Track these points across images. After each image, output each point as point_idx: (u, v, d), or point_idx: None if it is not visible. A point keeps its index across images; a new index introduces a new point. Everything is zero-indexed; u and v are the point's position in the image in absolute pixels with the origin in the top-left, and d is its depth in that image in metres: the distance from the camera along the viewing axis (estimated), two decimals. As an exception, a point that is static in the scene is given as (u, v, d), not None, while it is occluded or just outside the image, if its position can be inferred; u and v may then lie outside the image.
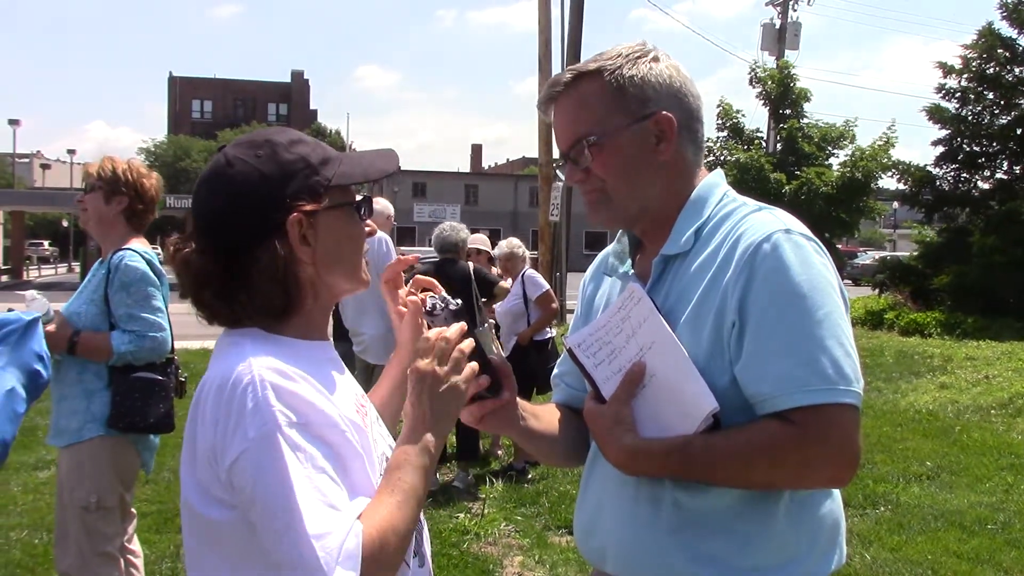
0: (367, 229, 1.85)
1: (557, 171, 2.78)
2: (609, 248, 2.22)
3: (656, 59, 1.97)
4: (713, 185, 2.01)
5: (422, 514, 1.84)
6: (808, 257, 1.80)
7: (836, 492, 1.98)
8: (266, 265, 1.66)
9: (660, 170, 1.95)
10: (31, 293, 3.96)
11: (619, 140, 1.93)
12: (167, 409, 4.03)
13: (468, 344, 1.79)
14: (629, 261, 2.11)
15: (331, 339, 1.86)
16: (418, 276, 2.04)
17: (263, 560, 1.53)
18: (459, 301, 1.87)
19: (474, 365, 1.80)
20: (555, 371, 2.35)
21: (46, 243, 63.11)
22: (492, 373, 1.93)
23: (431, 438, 1.71)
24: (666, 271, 1.96)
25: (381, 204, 7.59)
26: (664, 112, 1.93)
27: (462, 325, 1.81)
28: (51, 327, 3.80)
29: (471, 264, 7.82)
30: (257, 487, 1.50)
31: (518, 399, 2.05)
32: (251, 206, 1.67)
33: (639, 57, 1.96)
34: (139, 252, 4.00)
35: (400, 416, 1.97)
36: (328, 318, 1.85)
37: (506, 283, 8.38)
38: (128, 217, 4.08)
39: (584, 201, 2.04)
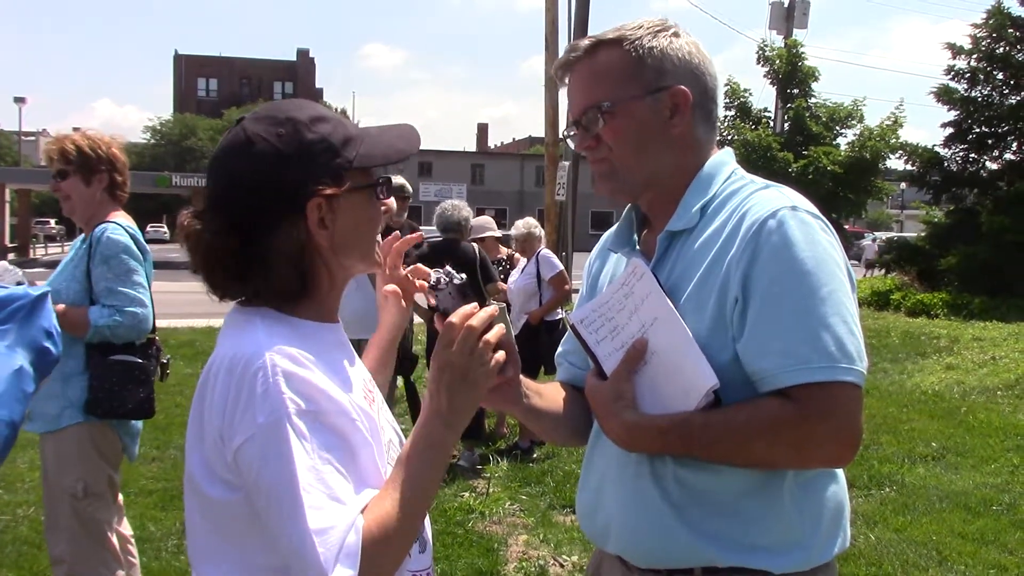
0: (383, 209, 1.81)
1: (568, 139, 2.71)
2: (616, 225, 2.21)
3: (677, 34, 1.96)
4: (721, 163, 1.99)
5: None
6: (814, 234, 1.78)
7: (840, 474, 1.96)
8: (284, 248, 1.63)
9: (670, 144, 1.94)
10: (2, 264, 3.81)
11: (632, 109, 1.91)
12: (147, 394, 3.88)
13: (496, 333, 1.67)
14: (635, 237, 2.10)
15: (340, 321, 1.83)
16: (418, 265, 2.03)
17: (266, 542, 1.52)
18: (464, 276, 1.84)
19: (501, 355, 1.69)
20: (559, 349, 2.35)
21: (52, 221, 63.11)
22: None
23: (446, 432, 1.63)
24: (671, 247, 1.95)
25: (400, 181, 7.58)
26: (680, 86, 1.92)
27: (492, 309, 1.69)
28: None
29: (476, 246, 7.74)
30: (262, 474, 1.48)
31: (522, 377, 2.04)
32: (271, 188, 1.62)
33: (660, 30, 1.95)
34: (122, 225, 3.87)
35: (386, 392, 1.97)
36: (339, 300, 1.81)
37: (502, 285, 8.30)
38: (111, 193, 3.95)
39: (591, 171, 2.03)
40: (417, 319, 7.77)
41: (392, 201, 6.79)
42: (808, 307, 1.72)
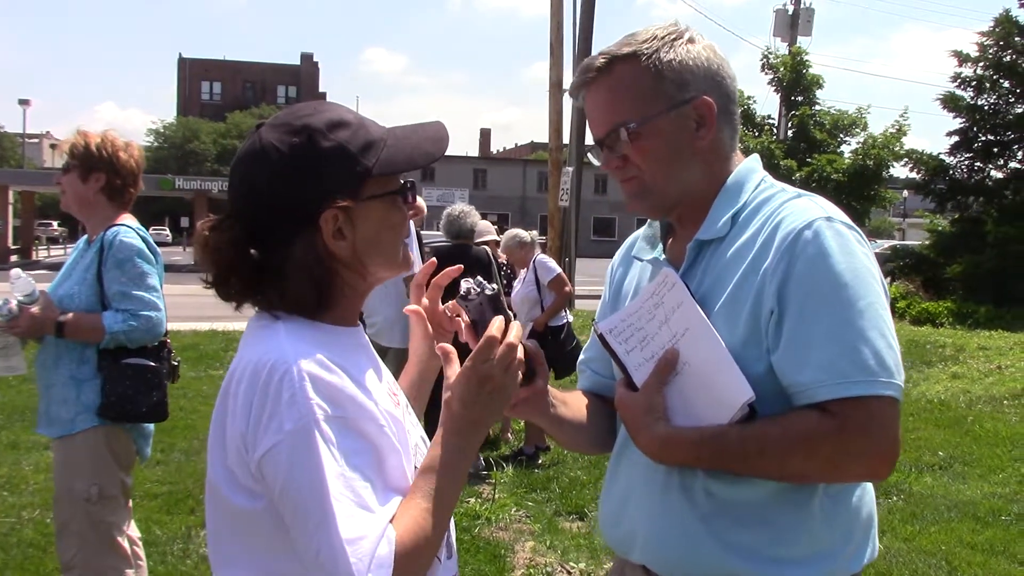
0: (412, 212, 1.76)
1: (591, 156, 2.66)
2: (639, 232, 2.18)
3: (692, 40, 1.91)
4: (750, 170, 1.96)
5: None
6: (850, 246, 1.75)
7: (869, 485, 1.94)
8: (300, 260, 1.59)
9: (699, 156, 1.90)
10: (16, 272, 3.78)
11: (658, 126, 1.87)
12: (160, 397, 3.85)
13: (522, 351, 1.70)
14: (661, 246, 2.06)
15: (360, 324, 1.80)
16: (456, 302, 1.91)
17: (288, 550, 1.49)
18: (495, 286, 1.82)
19: (522, 370, 1.71)
20: (581, 357, 2.32)
21: (55, 223, 63.12)
22: (527, 361, 1.89)
23: (472, 443, 1.64)
24: (700, 256, 1.91)
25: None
26: (704, 97, 1.87)
27: (520, 324, 1.72)
28: (36, 308, 3.66)
29: (488, 250, 7.70)
30: (290, 483, 1.45)
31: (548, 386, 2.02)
32: (284, 200, 1.58)
33: (675, 39, 1.89)
34: (133, 228, 3.84)
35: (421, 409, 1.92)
36: (361, 306, 1.78)
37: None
38: (109, 195, 3.87)
39: (621, 190, 1.98)
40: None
41: (421, 203, 6.67)
42: (846, 320, 1.69)
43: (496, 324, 1.67)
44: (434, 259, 1.95)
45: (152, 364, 3.85)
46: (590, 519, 6.56)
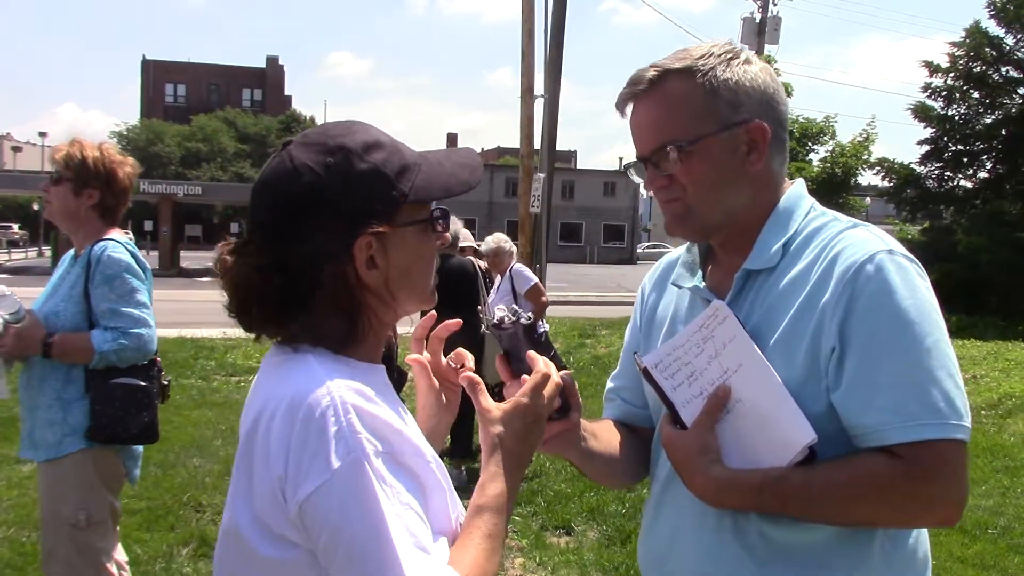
0: (440, 243, 1.66)
1: (632, 173, 2.50)
2: (676, 255, 2.09)
3: (748, 61, 1.84)
4: (799, 196, 1.89)
5: None
6: (913, 280, 1.68)
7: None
8: (329, 288, 1.50)
9: (748, 181, 1.82)
10: (1, 289, 3.62)
11: (709, 147, 1.78)
12: (151, 418, 3.71)
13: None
14: (700, 273, 1.97)
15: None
16: (460, 350, 1.85)
17: None
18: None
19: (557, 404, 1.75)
20: (609, 385, 2.23)
21: (15, 226, 62.24)
22: (562, 394, 1.80)
23: (520, 478, 1.62)
24: (748, 287, 1.83)
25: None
26: (758, 121, 1.79)
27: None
28: (20, 327, 3.53)
29: (474, 261, 7.60)
30: (343, 525, 1.34)
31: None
32: (317, 224, 1.48)
33: (731, 58, 1.82)
34: (121, 243, 3.70)
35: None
36: (384, 341, 1.67)
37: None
38: (101, 212, 3.74)
39: (663, 211, 1.90)
40: (401, 329, 7.63)
41: (449, 235, 6.56)
42: (914, 360, 1.63)
43: (543, 360, 1.67)
44: (434, 312, 1.83)
45: (142, 384, 3.70)
46: (577, 534, 6.49)
